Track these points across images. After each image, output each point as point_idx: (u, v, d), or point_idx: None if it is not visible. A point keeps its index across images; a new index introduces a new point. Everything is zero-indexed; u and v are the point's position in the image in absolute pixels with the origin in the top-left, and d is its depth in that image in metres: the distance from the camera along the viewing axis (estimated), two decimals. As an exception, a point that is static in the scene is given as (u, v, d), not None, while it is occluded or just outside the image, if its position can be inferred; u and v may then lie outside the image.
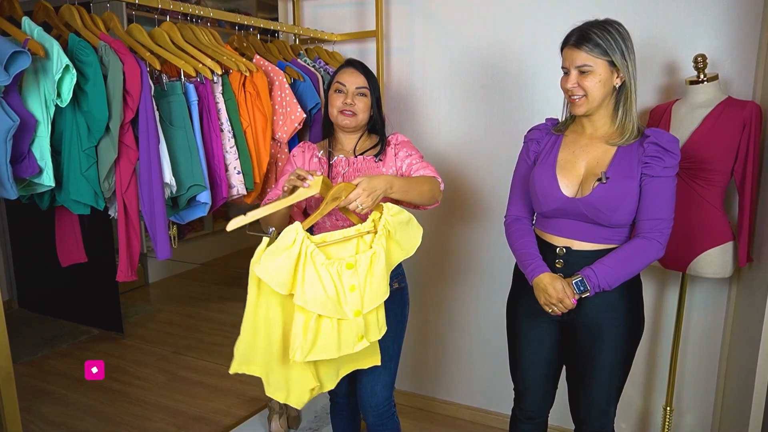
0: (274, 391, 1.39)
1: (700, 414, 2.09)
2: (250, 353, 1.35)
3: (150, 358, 3.19)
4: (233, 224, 1.26)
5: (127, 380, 2.92)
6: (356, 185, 1.32)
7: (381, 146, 1.63)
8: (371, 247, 1.34)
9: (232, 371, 1.36)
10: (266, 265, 1.23)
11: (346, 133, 1.64)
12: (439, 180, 1.57)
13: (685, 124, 1.76)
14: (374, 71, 2.25)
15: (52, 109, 1.28)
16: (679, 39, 1.88)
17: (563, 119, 1.53)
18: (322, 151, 1.65)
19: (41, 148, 1.28)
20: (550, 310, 1.44)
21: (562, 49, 1.42)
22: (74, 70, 1.24)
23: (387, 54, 2.35)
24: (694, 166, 1.72)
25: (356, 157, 1.62)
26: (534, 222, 1.58)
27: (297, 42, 2.34)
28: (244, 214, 1.28)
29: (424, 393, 2.59)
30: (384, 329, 1.43)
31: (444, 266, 2.44)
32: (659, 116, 1.84)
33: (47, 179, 1.30)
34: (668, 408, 2.01)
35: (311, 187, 1.31)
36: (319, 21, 2.45)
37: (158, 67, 1.54)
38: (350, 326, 1.31)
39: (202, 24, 1.84)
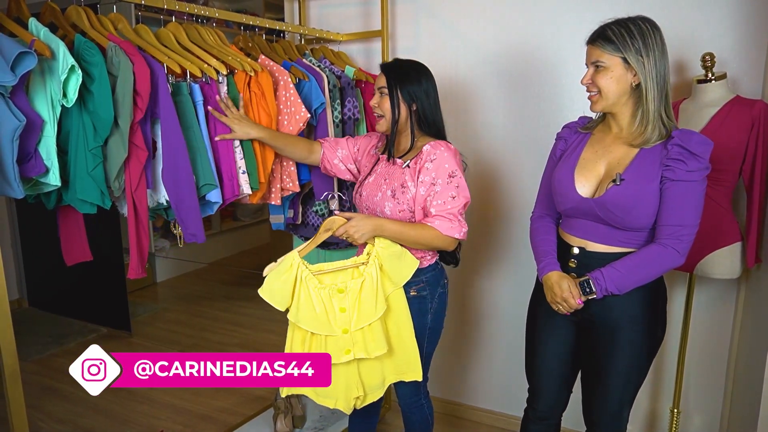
0: (324, 399, 1.56)
1: (708, 416, 2.07)
2: None
3: (157, 356, 3.21)
4: (267, 269, 1.49)
5: (134, 378, 2.94)
6: (348, 220, 1.51)
7: (410, 149, 1.62)
8: (361, 275, 1.52)
9: (284, 395, 1.56)
10: (268, 285, 1.47)
11: (397, 134, 1.66)
12: (447, 234, 1.52)
13: (692, 123, 1.74)
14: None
15: (59, 109, 1.28)
16: (687, 37, 1.87)
17: (595, 117, 1.51)
18: (376, 148, 1.74)
19: (48, 148, 1.29)
20: (556, 308, 1.44)
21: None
22: (80, 71, 1.25)
23: (393, 54, 2.35)
24: (701, 165, 1.70)
25: (394, 159, 1.63)
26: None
27: (302, 42, 2.35)
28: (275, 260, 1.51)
29: (444, 396, 2.56)
30: (379, 348, 1.52)
31: (465, 270, 2.42)
32: (666, 115, 1.83)
33: (54, 179, 1.31)
34: (675, 410, 2.00)
35: (330, 230, 1.53)
36: (325, 21, 2.45)
37: (179, 71, 1.54)
38: (336, 341, 1.51)
39: (208, 24, 1.85)
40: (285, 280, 1.47)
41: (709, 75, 1.72)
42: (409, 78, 1.60)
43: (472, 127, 2.27)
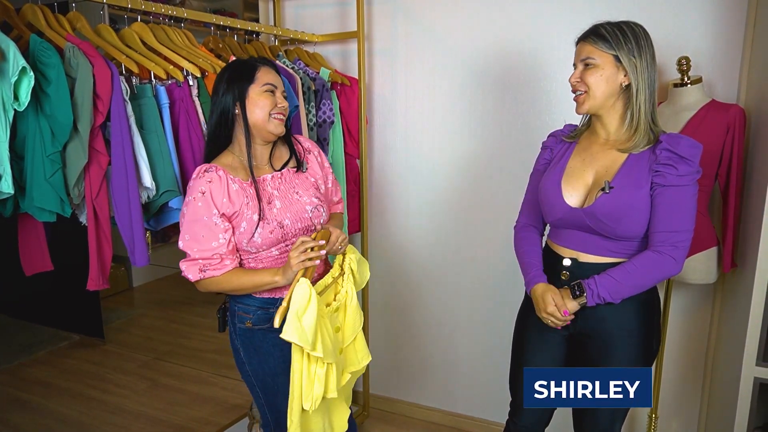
0: None
1: (685, 420, 2.07)
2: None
3: (131, 364, 3.13)
4: (281, 316, 1.24)
5: (106, 388, 2.86)
6: (331, 231, 1.39)
7: (295, 156, 1.50)
8: (343, 286, 1.44)
9: None
10: (292, 327, 1.21)
11: (265, 144, 1.43)
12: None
13: (669, 127, 1.73)
14: (356, 73, 2.23)
15: (11, 113, 1.23)
16: (663, 41, 1.85)
17: (580, 125, 1.47)
18: (235, 174, 1.36)
19: None
20: (546, 322, 1.39)
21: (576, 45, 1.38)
22: (32, 73, 1.19)
23: (369, 55, 2.31)
24: (677, 170, 1.68)
25: (279, 171, 1.45)
26: (548, 231, 1.53)
27: (277, 43, 2.30)
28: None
29: (403, 398, 2.54)
30: (367, 356, 1.49)
31: (447, 273, 2.40)
32: (643, 119, 1.81)
33: (6, 186, 1.25)
34: (654, 414, 1.99)
35: (323, 246, 1.34)
36: (300, 21, 2.40)
37: (136, 71, 1.48)
38: (338, 364, 1.37)
39: (176, 25, 1.79)
40: (310, 315, 1.23)
41: (685, 79, 1.71)
42: None
43: (449, 128, 2.24)
